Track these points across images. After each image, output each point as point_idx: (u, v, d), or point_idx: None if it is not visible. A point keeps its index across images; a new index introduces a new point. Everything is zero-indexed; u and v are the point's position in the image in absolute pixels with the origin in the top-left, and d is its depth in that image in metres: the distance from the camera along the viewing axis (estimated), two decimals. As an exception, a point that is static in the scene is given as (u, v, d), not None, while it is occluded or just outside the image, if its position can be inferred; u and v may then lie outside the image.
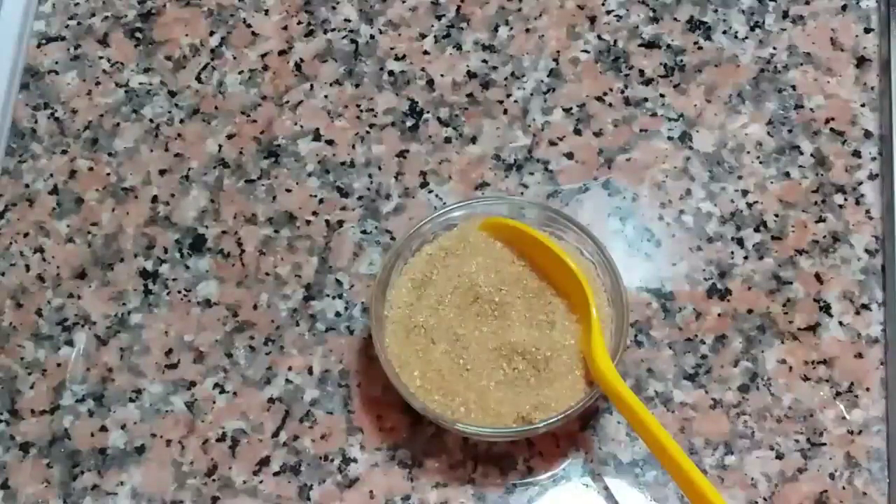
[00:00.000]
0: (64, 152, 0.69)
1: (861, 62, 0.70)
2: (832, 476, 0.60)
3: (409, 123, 0.69)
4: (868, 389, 0.62)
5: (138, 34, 0.72)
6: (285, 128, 0.69)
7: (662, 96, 0.69)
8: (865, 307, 0.64)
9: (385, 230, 0.66)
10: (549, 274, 0.62)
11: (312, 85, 0.70)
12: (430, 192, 0.67)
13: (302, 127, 0.69)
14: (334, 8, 0.72)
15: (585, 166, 0.67)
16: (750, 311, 0.64)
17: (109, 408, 0.63)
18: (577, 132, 0.68)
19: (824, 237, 0.65)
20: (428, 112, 0.69)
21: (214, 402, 0.63)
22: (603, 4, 0.72)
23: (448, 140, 0.68)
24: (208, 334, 0.64)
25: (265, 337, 0.64)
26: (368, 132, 0.69)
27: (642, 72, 0.70)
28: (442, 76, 0.70)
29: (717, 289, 0.64)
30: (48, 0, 0.73)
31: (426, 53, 0.71)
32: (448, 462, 0.61)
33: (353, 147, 0.68)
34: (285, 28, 0.72)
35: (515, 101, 0.69)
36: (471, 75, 0.70)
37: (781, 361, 0.63)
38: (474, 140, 0.68)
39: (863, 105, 0.68)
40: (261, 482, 0.61)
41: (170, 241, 0.66)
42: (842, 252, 0.65)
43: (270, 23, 0.72)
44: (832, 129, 0.68)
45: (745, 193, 0.66)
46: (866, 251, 0.65)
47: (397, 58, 0.71)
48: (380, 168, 0.68)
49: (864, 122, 0.68)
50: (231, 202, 0.67)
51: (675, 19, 0.71)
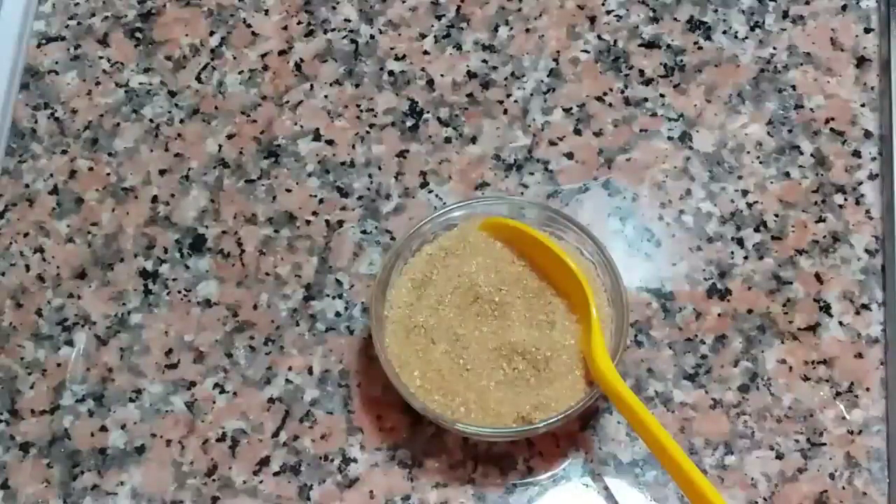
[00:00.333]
0: (64, 152, 0.69)
1: (861, 62, 0.70)
2: (832, 476, 0.60)
3: (409, 123, 0.69)
4: (868, 389, 0.62)
5: (138, 34, 0.72)
6: (285, 128, 0.69)
7: (662, 96, 0.69)
8: (865, 307, 0.64)
9: (385, 230, 0.66)
10: (549, 274, 0.62)
11: (312, 85, 0.70)
12: (430, 192, 0.67)
13: (302, 127, 0.69)
14: (334, 8, 0.72)
15: (585, 166, 0.67)
16: (750, 311, 0.64)
17: (109, 408, 0.63)
18: (577, 132, 0.68)
19: (824, 237, 0.65)
20: (428, 112, 0.69)
21: (214, 402, 0.63)
22: (603, 4, 0.72)
23: (448, 140, 0.68)
24: (208, 334, 0.64)
25: (265, 337, 0.64)
26: (368, 132, 0.69)
27: (642, 72, 0.70)
28: (442, 76, 0.70)
29: (717, 289, 0.64)
30: (48, 0, 0.73)
31: (426, 53, 0.71)
32: (448, 462, 0.61)
33: (353, 147, 0.68)
34: (285, 28, 0.72)
35: (515, 101, 0.69)
36: (471, 75, 0.70)
37: (781, 361, 0.63)
38: (474, 140, 0.68)
39: (863, 105, 0.68)
40: (261, 482, 0.61)
41: (170, 241, 0.66)
42: (842, 252, 0.65)
43: (270, 23, 0.72)
44: (832, 129, 0.68)
45: (745, 193, 0.66)
46: (866, 251, 0.65)
47: (397, 58, 0.71)
48: (380, 168, 0.68)
49: (864, 122, 0.68)
50: (231, 202, 0.67)
51: (675, 19, 0.71)
